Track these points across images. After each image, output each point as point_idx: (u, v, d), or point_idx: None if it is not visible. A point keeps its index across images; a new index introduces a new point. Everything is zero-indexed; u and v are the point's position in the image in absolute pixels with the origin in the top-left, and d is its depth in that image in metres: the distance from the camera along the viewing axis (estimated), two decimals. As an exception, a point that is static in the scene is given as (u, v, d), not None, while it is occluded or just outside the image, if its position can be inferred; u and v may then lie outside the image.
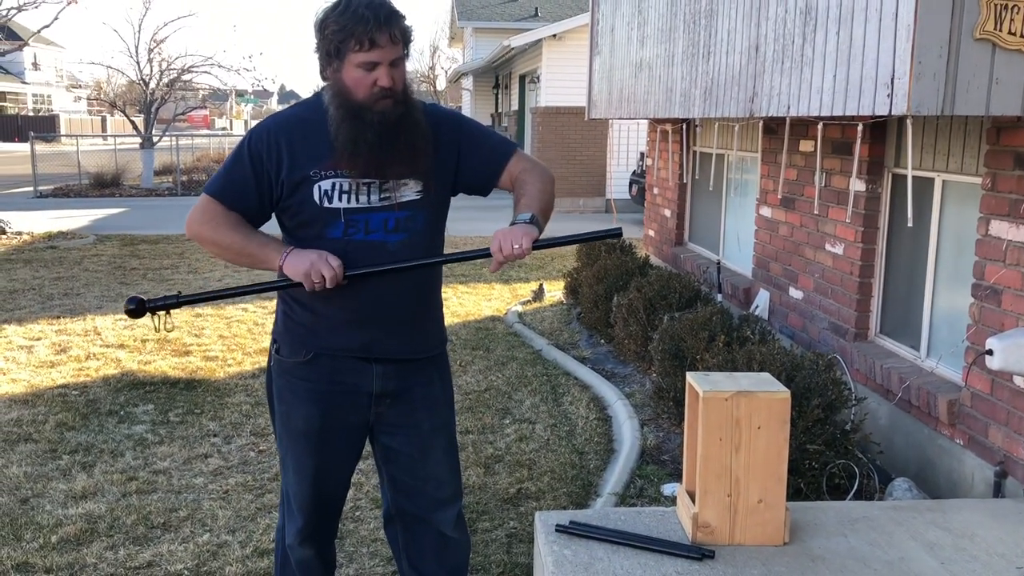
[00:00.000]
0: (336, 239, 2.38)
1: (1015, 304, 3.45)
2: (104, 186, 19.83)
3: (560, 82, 16.94)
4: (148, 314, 2.43)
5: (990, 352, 3.25)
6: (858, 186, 4.60)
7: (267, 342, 6.78)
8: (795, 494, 3.68)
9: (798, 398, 3.74)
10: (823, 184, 4.93)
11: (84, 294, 8.63)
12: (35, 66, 51.96)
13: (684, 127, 7.55)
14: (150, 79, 21.76)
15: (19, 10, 15.41)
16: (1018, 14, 3.05)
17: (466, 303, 8.37)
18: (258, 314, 7.80)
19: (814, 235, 5.10)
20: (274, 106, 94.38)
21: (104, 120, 50.68)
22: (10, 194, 19.37)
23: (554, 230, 2.30)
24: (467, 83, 30.75)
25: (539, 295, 8.48)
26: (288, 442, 2.57)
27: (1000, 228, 3.53)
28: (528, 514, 3.86)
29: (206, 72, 22.79)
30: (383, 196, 2.39)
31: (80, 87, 31.76)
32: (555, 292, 8.53)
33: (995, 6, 3.05)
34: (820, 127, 4.52)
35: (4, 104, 50.22)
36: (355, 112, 2.30)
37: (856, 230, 4.65)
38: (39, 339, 6.86)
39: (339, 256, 2.35)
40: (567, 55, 16.80)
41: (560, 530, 2.61)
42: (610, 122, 15.54)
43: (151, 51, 21.78)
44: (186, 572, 3.40)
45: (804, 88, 4.00)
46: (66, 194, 19.09)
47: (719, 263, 6.64)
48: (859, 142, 4.15)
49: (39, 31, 18.17)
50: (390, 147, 2.32)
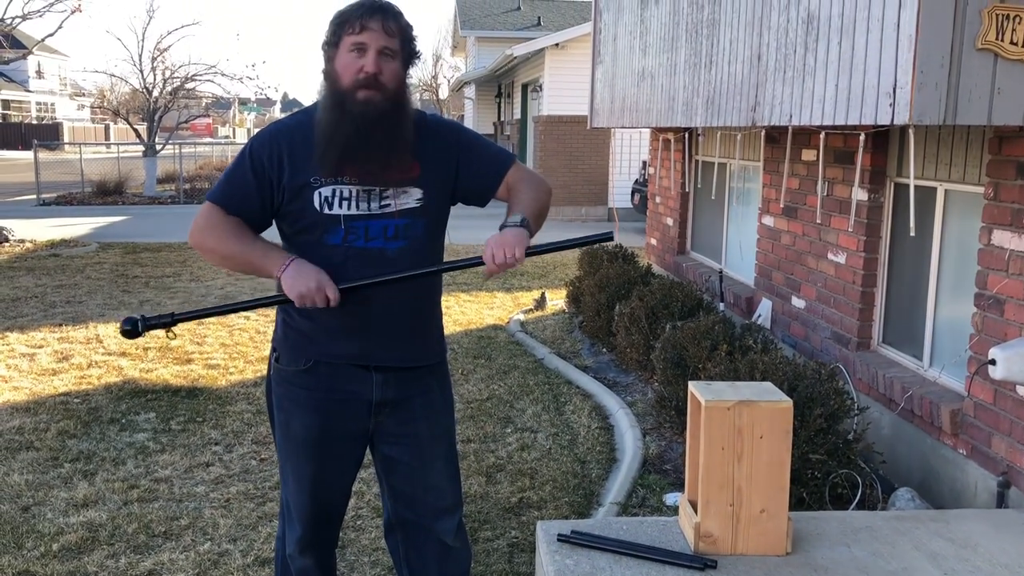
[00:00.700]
0: (336, 245, 2.39)
1: (1018, 314, 3.44)
2: (107, 194, 19.86)
3: (562, 91, 16.98)
4: (144, 334, 2.44)
5: (993, 362, 3.25)
6: (860, 195, 4.61)
7: (269, 350, 6.78)
8: (798, 504, 3.67)
9: (800, 407, 3.73)
10: (825, 193, 4.93)
11: (86, 302, 8.63)
12: (39, 74, 52.12)
13: (686, 136, 7.56)
14: (153, 87, 21.82)
15: (23, 19, 15.47)
16: (1020, 24, 3.06)
17: (468, 311, 8.37)
18: (260, 322, 7.80)
19: (816, 244, 5.10)
20: (277, 114, 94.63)
21: (107, 128, 50.80)
22: (13, 202, 19.40)
23: (555, 238, 2.29)
24: (469, 92, 30.83)
25: (541, 304, 8.49)
26: (288, 451, 2.57)
27: (1002, 238, 3.52)
28: (530, 523, 3.85)
29: (209, 80, 22.86)
30: (383, 203, 2.40)
31: (83, 95, 31.82)
32: (557, 301, 8.53)
33: (996, 16, 3.06)
34: (822, 136, 4.53)
35: (8, 112, 50.35)
36: (339, 100, 2.33)
37: (858, 239, 4.65)
38: (41, 347, 6.87)
39: (339, 262, 2.37)
40: (569, 64, 16.85)
41: (562, 539, 2.61)
42: (612, 131, 15.55)
43: (154, 59, 21.85)
44: (187, 581, 3.40)
45: (806, 97, 4.00)
46: (69, 202, 19.12)
47: (721, 272, 6.64)
48: (861, 151, 4.15)
49: (43, 40, 18.23)
50: (366, 141, 2.32)
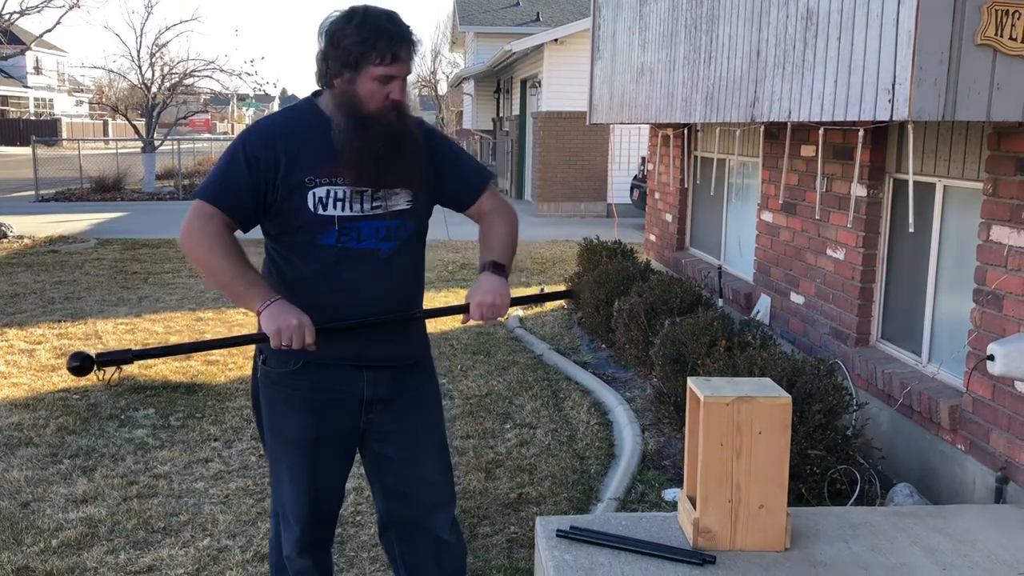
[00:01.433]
0: (329, 246, 2.39)
1: (1016, 309, 3.45)
2: (106, 190, 19.85)
3: (561, 87, 16.95)
4: (96, 369, 2.28)
5: (991, 357, 3.25)
6: (859, 191, 4.61)
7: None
8: (796, 499, 3.68)
9: (799, 403, 3.73)
10: (824, 189, 4.93)
11: (85, 298, 8.63)
12: (37, 70, 52.02)
13: (685, 132, 7.56)
14: (152, 83, 21.80)
15: (21, 14, 15.46)
16: (1019, 20, 3.06)
17: (467, 307, 8.37)
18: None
19: (815, 240, 5.10)
20: (276, 110, 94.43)
21: (106, 124, 50.71)
22: (12, 198, 19.39)
23: (556, 235, 2.33)
24: (468, 87, 30.80)
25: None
26: (281, 453, 2.56)
27: (1001, 233, 3.53)
28: (529, 519, 3.86)
29: (208, 76, 22.82)
30: (375, 204, 2.41)
31: (82, 91, 31.78)
32: (556, 297, 8.52)
33: (996, 12, 3.05)
34: (821, 132, 4.53)
35: (6, 108, 50.29)
36: (363, 123, 2.31)
37: (857, 235, 4.65)
38: (40, 343, 6.87)
39: (332, 263, 2.38)
40: (568, 60, 16.82)
41: (561, 535, 2.61)
42: (611, 127, 15.55)
43: (153, 55, 21.84)
44: (186, 577, 3.40)
45: (805, 93, 4.00)
46: (68, 198, 19.11)
47: (720, 268, 6.64)
48: (860, 147, 4.15)
49: (41, 35, 18.23)
50: (393, 158, 2.35)
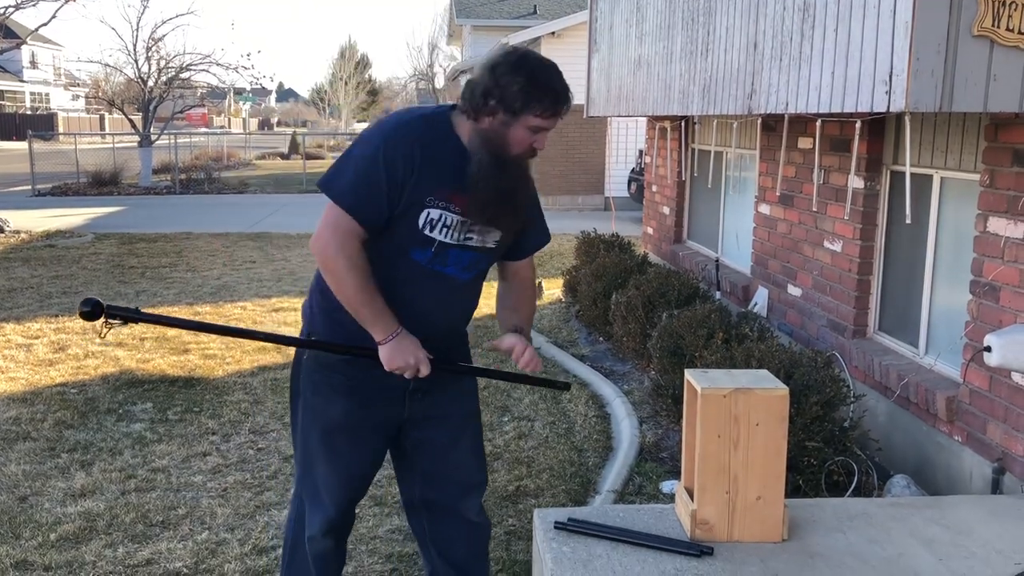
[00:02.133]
0: (419, 263, 2.44)
1: (1013, 300, 3.45)
2: (102, 184, 19.81)
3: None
4: (103, 318, 2.35)
5: (988, 349, 3.26)
6: (856, 183, 4.61)
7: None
8: (794, 491, 3.68)
9: (797, 395, 3.74)
10: (821, 181, 4.93)
11: (83, 292, 8.62)
12: (33, 64, 51.88)
13: (683, 124, 7.55)
14: (148, 77, 21.74)
15: (17, 8, 15.38)
16: (1016, 10, 3.05)
17: (465, 301, 8.36)
18: (257, 312, 7.80)
19: (812, 232, 5.10)
20: (272, 104, 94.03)
21: (102, 118, 50.63)
22: (8, 192, 19.35)
23: (553, 228, 2.36)
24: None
25: (538, 293, 8.49)
26: (321, 435, 2.60)
27: (998, 225, 3.53)
28: (527, 511, 3.86)
29: (204, 70, 22.77)
30: (467, 236, 2.45)
31: (78, 85, 31.71)
32: (554, 290, 8.53)
33: (993, 2, 3.05)
34: (818, 124, 4.52)
35: (2, 102, 50.16)
36: (503, 164, 2.34)
37: (854, 227, 4.65)
38: (37, 337, 6.86)
39: (414, 277, 2.44)
40: (565, 53, 16.74)
41: (559, 527, 2.61)
42: (609, 120, 15.54)
43: (149, 49, 21.78)
44: (185, 570, 3.40)
45: (803, 85, 4.00)
46: (64, 192, 19.07)
47: (718, 260, 6.64)
48: (857, 139, 4.15)
49: (37, 29, 18.16)
50: (512, 203, 2.42)
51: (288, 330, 7.12)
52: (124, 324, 2.40)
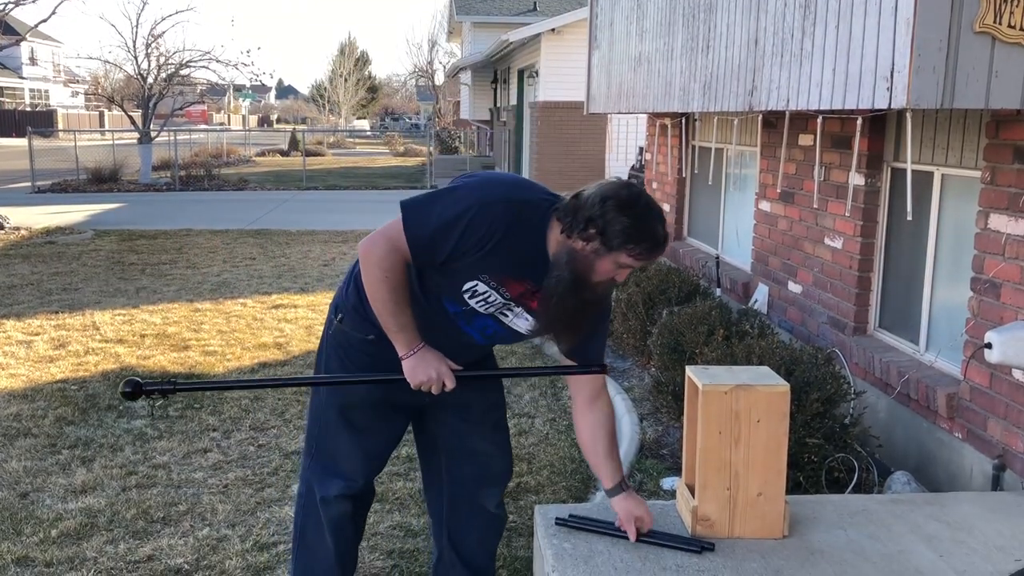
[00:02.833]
0: (447, 312, 2.49)
1: (1014, 298, 3.45)
2: (102, 181, 19.79)
3: (559, 76, 16.91)
4: (144, 396, 2.46)
5: (989, 345, 3.26)
6: (857, 180, 4.61)
7: (266, 337, 6.80)
8: (794, 487, 3.68)
9: (797, 392, 3.74)
10: (822, 178, 4.93)
11: (82, 289, 8.62)
12: (32, 61, 51.85)
13: (683, 121, 7.55)
14: (148, 74, 21.72)
15: (16, 4, 15.37)
16: (1017, 7, 3.05)
17: (465, 298, 8.36)
18: (257, 309, 7.80)
19: (813, 229, 5.10)
20: (272, 101, 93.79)
21: (102, 115, 50.60)
22: (8, 189, 19.34)
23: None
24: (465, 78, 30.72)
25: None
26: (341, 408, 2.67)
27: (999, 222, 3.53)
28: (527, 508, 3.87)
29: (204, 67, 22.83)
30: (503, 312, 2.48)
31: (78, 82, 31.71)
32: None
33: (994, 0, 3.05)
34: (819, 121, 4.52)
35: (1, 99, 50.12)
36: (582, 288, 2.33)
37: (855, 224, 4.65)
38: (38, 334, 6.86)
39: (435, 323, 2.48)
40: (566, 49, 16.78)
41: (560, 523, 2.62)
42: (609, 116, 15.53)
43: (149, 46, 21.74)
44: (186, 566, 3.41)
45: (803, 82, 4.00)
46: (64, 189, 19.05)
47: (718, 257, 6.64)
48: (858, 136, 4.15)
49: (36, 25, 18.16)
50: (575, 322, 2.41)
51: (289, 327, 7.12)
52: (165, 397, 2.49)
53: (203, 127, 41.84)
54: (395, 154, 35.87)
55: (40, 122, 39.93)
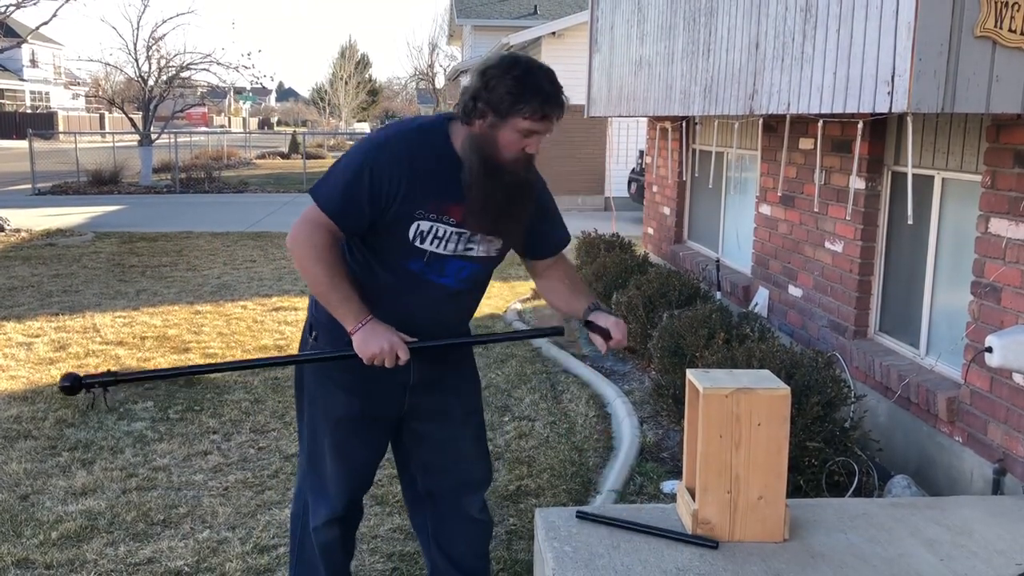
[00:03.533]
0: (412, 272, 2.45)
1: (1014, 301, 3.45)
2: (102, 183, 19.81)
3: (559, 80, 16.90)
4: (84, 390, 2.41)
5: (989, 349, 3.26)
6: (858, 184, 4.61)
7: (266, 339, 6.80)
8: (795, 491, 3.68)
9: (798, 395, 3.74)
10: (823, 182, 4.93)
11: (83, 291, 8.62)
12: (33, 63, 51.88)
13: (684, 125, 7.55)
14: (148, 76, 21.75)
15: (17, 7, 15.39)
16: (1018, 12, 3.06)
17: (465, 301, 8.36)
18: (257, 311, 7.80)
19: (813, 233, 5.10)
20: (273, 103, 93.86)
21: (102, 117, 50.64)
22: (8, 191, 19.35)
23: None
24: (466, 81, 30.74)
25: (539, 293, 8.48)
26: (326, 429, 2.63)
27: (999, 226, 3.53)
28: (528, 511, 3.87)
29: (205, 69, 22.78)
30: (467, 247, 2.45)
31: (78, 84, 31.73)
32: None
33: (995, 4, 3.05)
34: (820, 125, 4.53)
35: (2, 101, 50.13)
36: (495, 170, 2.32)
37: (856, 228, 4.66)
38: (38, 336, 6.86)
39: (406, 286, 2.44)
40: (566, 53, 16.77)
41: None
42: (609, 120, 15.52)
43: (150, 48, 21.79)
44: (186, 568, 3.41)
45: (804, 85, 4.00)
46: (64, 191, 19.07)
47: (718, 261, 6.64)
48: (859, 140, 4.15)
49: (37, 28, 18.17)
50: (508, 210, 2.39)
51: (289, 329, 7.12)
52: (106, 389, 2.43)
53: (203, 129, 41.87)
54: (395, 157, 35.78)
55: (41, 124, 39.98)
